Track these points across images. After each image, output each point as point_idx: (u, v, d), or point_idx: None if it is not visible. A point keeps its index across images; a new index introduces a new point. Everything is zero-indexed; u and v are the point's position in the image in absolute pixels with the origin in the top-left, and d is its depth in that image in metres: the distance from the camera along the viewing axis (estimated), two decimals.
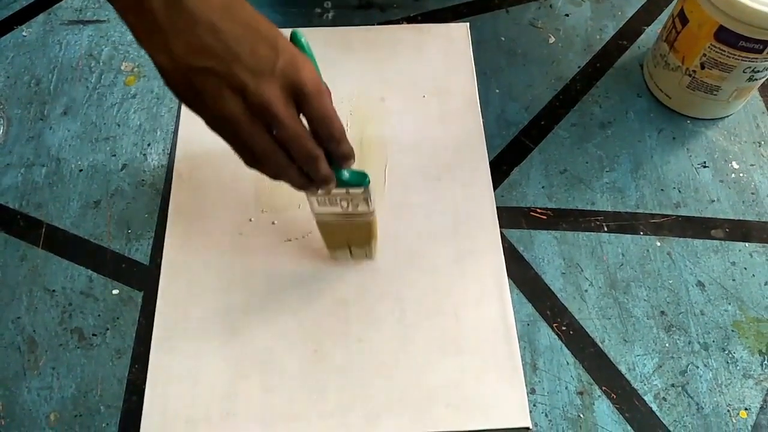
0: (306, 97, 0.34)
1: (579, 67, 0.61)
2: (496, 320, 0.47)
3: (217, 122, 0.34)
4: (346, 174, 0.39)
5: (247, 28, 0.32)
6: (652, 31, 0.63)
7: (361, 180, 0.39)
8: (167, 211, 0.51)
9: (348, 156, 0.38)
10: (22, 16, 0.63)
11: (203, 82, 0.32)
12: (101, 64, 0.60)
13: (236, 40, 0.32)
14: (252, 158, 0.36)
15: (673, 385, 0.46)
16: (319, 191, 0.39)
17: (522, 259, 0.51)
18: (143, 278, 0.50)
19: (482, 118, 0.56)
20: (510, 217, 0.53)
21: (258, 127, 0.34)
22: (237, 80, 0.32)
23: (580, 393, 0.46)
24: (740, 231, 0.52)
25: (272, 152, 0.35)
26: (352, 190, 0.40)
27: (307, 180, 0.37)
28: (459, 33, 0.61)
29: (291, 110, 0.34)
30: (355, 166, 0.39)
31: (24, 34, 0.62)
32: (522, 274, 0.50)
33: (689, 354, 0.48)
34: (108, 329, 0.48)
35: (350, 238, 0.46)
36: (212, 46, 0.32)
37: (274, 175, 0.37)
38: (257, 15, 0.33)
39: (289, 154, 0.35)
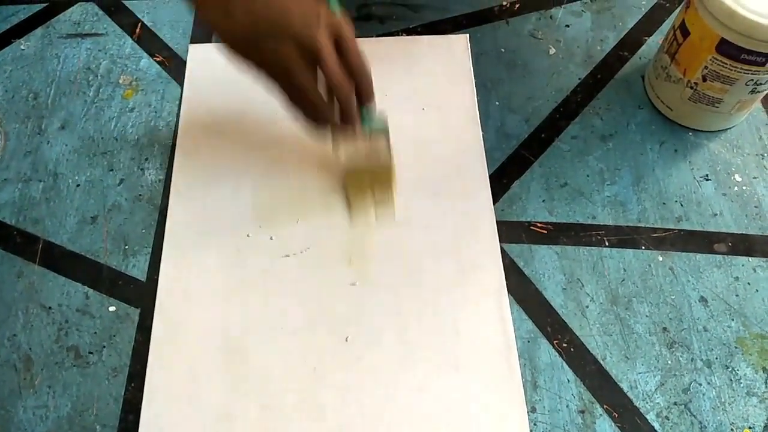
0: (346, 42, 0.42)
1: (580, 78, 0.60)
2: (496, 337, 0.47)
3: (273, 69, 0.42)
4: (368, 116, 0.47)
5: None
6: (654, 42, 0.62)
7: (380, 121, 0.48)
8: (164, 227, 0.51)
9: (372, 93, 0.45)
10: (21, 30, 0.63)
11: (264, 41, 0.40)
12: (99, 77, 0.60)
13: (286, 6, 0.40)
14: (298, 96, 0.43)
15: (675, 404, 0.46)
16: (347, 136, 0.47)
17: (522, 275, 0.50)
18: (140, 295, 0.49)
19: (482, 130, 0.56)
20: (510, 231, 0.52)
21: (309, 70, 0.41)
22: (292, 32, 0.40)
23: (582, 411, 0.45)
24: (743, 245, 0.52)
25: (317, 91, 0.43)
26: (373, 140, 0.48)
27: (339, 118, 0.45)
28: (459, 44, 0.61)
29: (335, 54, 0.42)
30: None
31: (22, 47, 0.62)
32: (522, 289, 0.50)
33: (692, 371, 0.47)
34: (104, 347, 0.47)
35: (373, 185, 0.52)
36: (268, 14, 0.39)
37: (314, 113, 0.44)
38: None
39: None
